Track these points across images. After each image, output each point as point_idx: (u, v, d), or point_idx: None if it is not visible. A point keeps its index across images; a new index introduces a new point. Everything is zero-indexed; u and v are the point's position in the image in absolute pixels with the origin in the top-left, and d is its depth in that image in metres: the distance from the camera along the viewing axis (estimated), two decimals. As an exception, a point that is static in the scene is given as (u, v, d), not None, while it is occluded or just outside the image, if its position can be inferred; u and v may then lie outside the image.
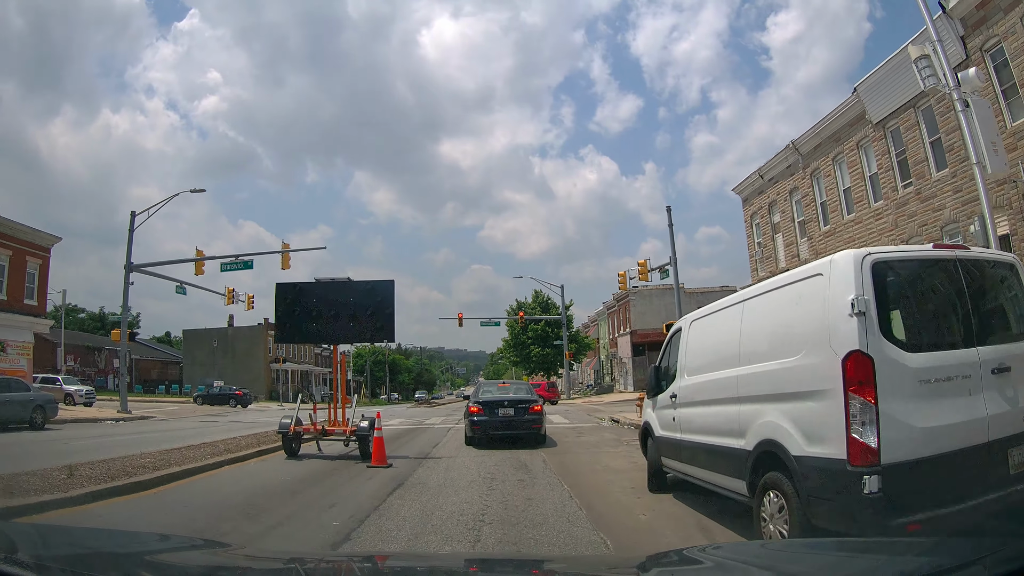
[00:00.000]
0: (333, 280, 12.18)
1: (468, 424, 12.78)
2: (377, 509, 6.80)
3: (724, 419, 5.45)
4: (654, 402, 7.62)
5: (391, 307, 11.78)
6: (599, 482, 8.51)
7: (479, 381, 17.47)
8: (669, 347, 7.48)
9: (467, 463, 10.34)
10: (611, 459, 10.72)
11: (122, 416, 26.55)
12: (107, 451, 11.25)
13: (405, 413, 32.57)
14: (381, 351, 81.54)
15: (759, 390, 4.90)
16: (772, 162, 23.91)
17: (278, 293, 12.43)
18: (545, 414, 13.13)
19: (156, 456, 10.52)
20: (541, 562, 3.75)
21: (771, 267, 24.20)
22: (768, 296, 5.14)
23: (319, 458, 11.60)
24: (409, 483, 8.43)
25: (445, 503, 7.11)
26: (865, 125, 19.47)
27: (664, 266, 27.73)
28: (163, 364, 70.17)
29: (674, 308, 44.93)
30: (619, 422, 18.93)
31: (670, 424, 6.91)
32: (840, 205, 20.52)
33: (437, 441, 14.21)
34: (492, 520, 6.18)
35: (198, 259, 27.84)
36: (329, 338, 12.11)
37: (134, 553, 2.22)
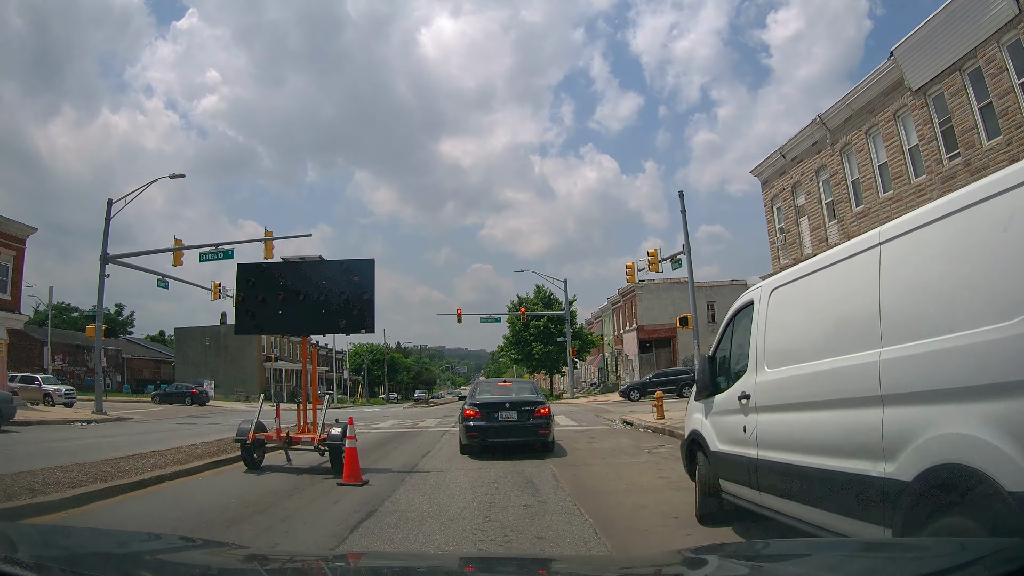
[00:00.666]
0: (303, 259, 10.25)
1: (463, 430, 10.87)
2: (332, 552, 4.92)
3: (849, 430, 3.54)
4: (707, 406, 5.71)
5: (370, 291, 9.86)
6: (628, 508, 6.60)
7: (477, 380, 15.87)
8: (731, 331, 5.58)
9: (460, 479, 8.43)
10: (636, 473, 8.81)
11: (96, 417, 24.92)
12: (42, 459, 9.79)
13: (400, 414, 30.66)
14: (379, 350, 79.68)
15: (929, 382, 2.99)
16: (795, 140, 21.99)
17: (239, 275, 10.54)
18: (553, 417, 11.18)
19: (86, 468, 8.85)
20: (548, 561, 3.61)
21: (795, 254, 22.28)
22: (937, 226, 3.14)
23: (284, 471, 9.74)
24: (383, 511, 6.53)
25: (427, 542, 5.22)
26: (903, 93, 17.57)
27: (676, 255, 25.83)
28: (155, 363, 68.60)
29: (683, 302, 43.32)
30: (632, 424, 17.01)
31: (737, 436, 4.99)
32: (875, 182, 18.60)
33: (428, 449, 12.28)
34: None
35: (176, 248, 26.02)
36: (295, 328, 10.17)
37: (134, 553, 2.22)
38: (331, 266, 10.18)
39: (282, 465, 10.25)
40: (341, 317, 9.82)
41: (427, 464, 10.05)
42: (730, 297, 45.42)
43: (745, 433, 4.85)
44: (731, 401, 5.16)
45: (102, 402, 27.32)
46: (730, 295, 44.42)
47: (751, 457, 4.73)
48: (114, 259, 27.22)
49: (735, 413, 5.07)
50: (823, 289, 4.14)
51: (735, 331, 5.52)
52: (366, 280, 9.92)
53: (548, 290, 52.46)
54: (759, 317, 4.90)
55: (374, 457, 11.33)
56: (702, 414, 5.84)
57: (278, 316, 10.19)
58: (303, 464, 10.20)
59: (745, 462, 4.83)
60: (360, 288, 9.86)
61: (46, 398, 31.63)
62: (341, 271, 10.04)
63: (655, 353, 44.09)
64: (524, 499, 6.98)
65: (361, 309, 9.78)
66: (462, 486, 7.89)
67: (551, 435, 10.91)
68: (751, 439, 4.75)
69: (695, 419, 6.04)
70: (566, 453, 10.97)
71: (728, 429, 5.24)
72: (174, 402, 38.93)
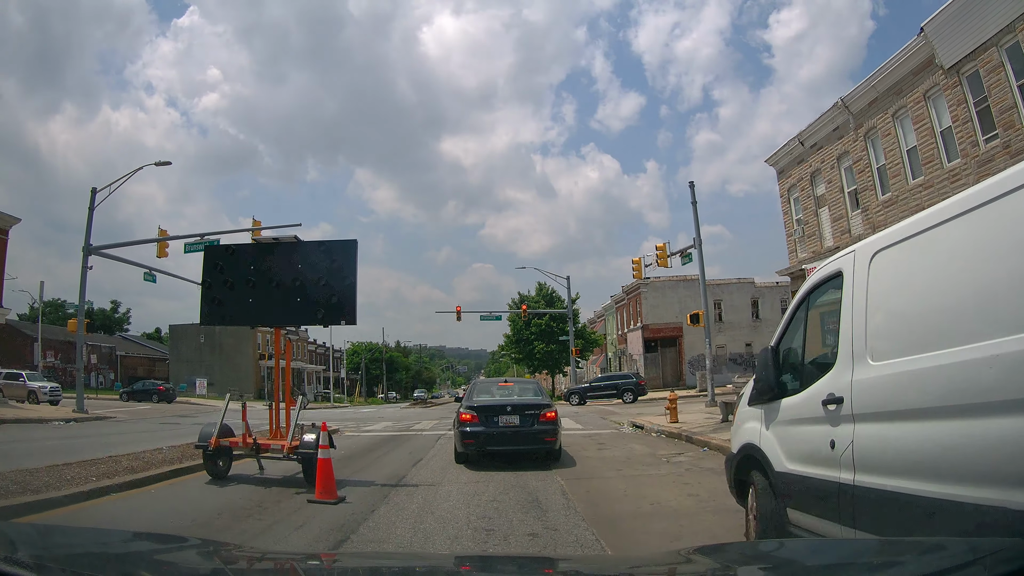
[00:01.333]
0: (276, 240, 8.98)
1: (458, 436, 9.57)
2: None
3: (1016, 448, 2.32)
4: (769, 412, 4.44)
5: (352, 277, 8.59)
6: (659, 538, 5.32)
7: (474, 381, 14.05)
8: (803, 315, 4.33)
9: (453, 497, 7.14)
10: (659, 488, 7.53)
11: (77, 416, 23.72)
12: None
13: (396, 415, 29.37)
14: (378, 348, 78.43)
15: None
16: (815, 125, 20.66)
17: (206, 259, 9.30)
18: (560, 422, 9.88)
19: (20, 476, 7.83)
20: (548, 561, 3.65)
21: (814, 246, 20.97)
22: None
23: (252, 482, 8.49)
24: (356, 540, 5.25)
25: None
26: (934, 72, 16.28)
27: (687, 249, 24.51)
28: (150, 361, 67.59)
29: (689, 300, 42.00)
30: (643, 428, 15.72)
31: (820, 453, 3.72)
32: (903, 168, 17.29)
33: (420, 456, 10.98)
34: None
35: (161, 239, 24.76)
36: (266, 318, 8.89)
37: (134, 553, 2.22)
38: (308, 248, 8.91)
39: (252, 475, 9.01)
40: (319, 306, 8.55)
41: (417, 476, 8.76)
42: (738, 295, 44.35)
43: (833, 450, 3.58)
44: (808, 406, 3.89)
45: (83, 400, 26.03)
46: (737, 293, 43.14)
47: (843, 483, 3.46)
48: (97, 250, 25.93)
49: (815, 422, 3.80)
50: (963, 243, 2.87)
51: (809, 315, 4.26)
52: (348, 264, 8.65)
53: (550, 288, 51.19)
54: (855, 291, 3.63)
55: (359, 465, 10.06)
56: (760, 423, 4.56)
57: (248, 305, 8.94)
58: (277, 473, 8.95)
59: (832, 489, 3.55)
60: (341, 273, 8.60)
61: (31, 395, 30.76)
62: (320, 253, 8.78)
63: (660, 352, 42.79)
64: (529, 525, 5.70)
65: (341, 297, 8.51)
66: (455, 506, 6.61)
67: (558, 442, 9.61)
68: (843, 458, 3.48)
69: (749, 429, 4.76)
70: (575, 463, 9.69)
71: (803, 443, 3.96)
72: (141, 399, 38.17)
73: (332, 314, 8.54)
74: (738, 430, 5.07)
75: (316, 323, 8.66)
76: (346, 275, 8.58)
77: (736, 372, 40.68)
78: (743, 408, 5.01)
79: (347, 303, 8.52)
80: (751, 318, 43.20)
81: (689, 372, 40.57)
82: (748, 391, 4.98)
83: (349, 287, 8.55)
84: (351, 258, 8.70)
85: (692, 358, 41.42)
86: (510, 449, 9.27)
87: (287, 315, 8.80)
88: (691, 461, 9.75)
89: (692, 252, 24.04)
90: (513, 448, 9.29)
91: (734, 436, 5.19)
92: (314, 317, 8.59)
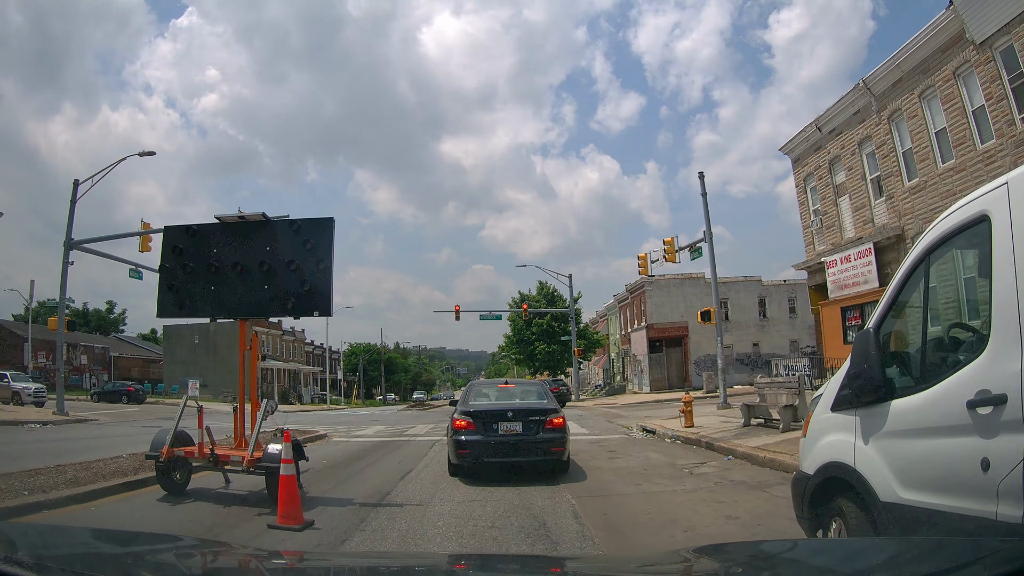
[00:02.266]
0: (242, 218, 7.77)
1: (452, 445, 8.34)
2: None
3: None
4: (867, 419, 3.25)
5: (327, 260, 7.40)
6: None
7: (471, 382, 12.04)
8: (921, 284, 3.12)
9: (444, 521, 5.93)
10: (689, 509, 6.32)
11: (56, 419, 22.63)
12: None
13: (391, 418, 28.14)
14: (376, 349, 77.16)
15: None
16: (833, 109, 19.48)
17: (165, 240, 8.15)
18: (568, 429, 8.67)
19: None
20: (548, 561, 3.65)
21: (833, 238, 19.78)
22: None
23: (211, 499, 7.34)
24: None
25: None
26: (964, 47, 15.12)
27: (696, 243, 23.29)
28: (144, 362, 66.45)
29: (695, 299, 40.74)
30: (655, 433, 14.51)
31: (963, 479, 2.54)
32: (932, 152, 16.10)
33: (411, 467, 9.76)
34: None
35: (144, 232, 23.62)
36: (228, 308, 7.68)
37: (134, 553, 2.19)
38: (279, 228, 7.71)
39: (216, 489, 7.86)
40: (288, 295, 7.35)
41: (404, 492, 7.54)
42: (744, 294, 43.00)
43: (987, 472, 2.41)
44: (940, 410, 2.71)
45: (64, 402, 24.91)
46: (744, 292, 41.87)
47: (1004, 521, 2.29)
48: (78, 245, 24.83)
49: (954, 433, 2.62)
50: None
51: (931, 279, 3.06)
52: (323, 245, 7.46)
53: (551, 287, 50.00)
54: (1017, 239, 2.44)
55: (340, 477, 8.86)
56: (852, 435, 3.36)
57: (209, 293, 7.76)
58: (244, 487, 7.77)
59: (986, 528, 2.38)
60: (315, 256, 7.40)
61: (15, 396, 29.93)
62: (291, 233, 7.58)
63: (665, 353, 41.53)
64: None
65: (315, 284, 7.31)
66: (445, 534, 5.39)
67: (566, 453, 8.35)
68: (1004, 485, 2.31)
69: (833, 444, 3.56)
70: (585, 476, 8.46)
71: (932, 464, 2.78)
72: (112, 400, 37.43)
73: (303, 304, 7.34)
74: (814, 444, 3.86)
75: (285, 314, 7.48)
76: (321, 258, 7.39)
77: (743, 372, 39.51)
78: (821, 415, 3.81)
79: (321, 291, 7.32)
80: (758, 317, 42.00)
81: (695, 373, 39.34)
82: (828, 391, 3.78)
83: (324, 272, 7.36)
84: (327, 239, 7.50)
85: (698, 358, 40.20)
86: (511, 461, 8.06)
87: (252, 305, 7.60)
88: (718, 473, 8.55)
89: (702, 246, 22.84)
90: (514, 460, 8.08)
91: (807, 451, 3.98)
92: (283, 307, 7.38)
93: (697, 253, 23.44)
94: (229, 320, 8.07)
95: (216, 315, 7.84)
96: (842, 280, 18.60)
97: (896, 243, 17.00)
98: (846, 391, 3.49)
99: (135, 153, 25.56)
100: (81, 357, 53.84)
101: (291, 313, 7.42)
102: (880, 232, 17.40)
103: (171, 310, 8.01)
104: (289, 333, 64.79)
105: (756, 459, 9.20)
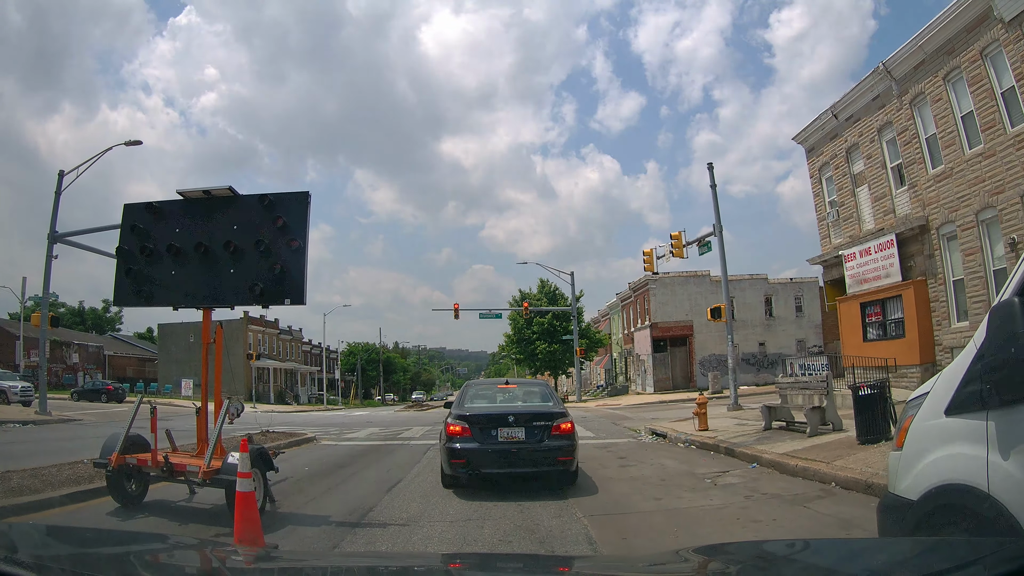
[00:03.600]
0: (207, 192, 6.80)
1: (445, 454, 7.30)
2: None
3: None
4: (1006, 426, 2.30)
5: (301, 240, 6.45)
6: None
7: (468, 383, 9.52)
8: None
9: (433, 547, 4.94)
10: (722, 531, 5.34)
11: (39, 418, 21.77)
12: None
13: (388, 419, 27.14)
14: (375, 349, 76.19)
15: None
16: (851, 95, 18.51)
17: (124, 219, 7.19)
18: (577, 436, 7.64)
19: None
20: (548, 560, 3.63)
21: (851, 230, 18.79)
22: None
23: (166, 515, 6.47)
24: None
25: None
26: (992, 26, 14.17)
27: (705, 237, 22.31)
28: (139, 361, 65.65)
29: (700, 297, 39.76)
30: (666, 437, 13.55)
31: None
32: (958, 137, 15.12)
33: (400, 476, 8.75)
34: None
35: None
36: (190, 295, 6.69)
37: (134, 553, 2.16)
38: (247, 203, 6.74)
39: (178, 501, 6.92)
40: (256, 280, 6.38)
41: (389, 507, 6.55)
42: (750, 292, 41.96)
43: None
44: None
45: (47, 401, 23.94)
46: (750, 290, 40.83)
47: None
48: (62, 238, 23.88)
49: None
50: None
51: None
52: (296, 223, 6.50)
53: (552, 285, 49.02)
54: None
55: (320, 489, 7.88)
56: (981, 446, 2.43)
57: (171, 278, 6.80)
58: (209, 500, 6.82)
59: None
60: (287, 235, 6.44)
61: (1, 395, 28.87)
62: (261, 210, 6.61)
63: (670, 352, 40.51)
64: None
65: (286, 267, 6.34)
66: (431, 566, 4.43)
67: (575, 462, 7.34)
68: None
69: (952, 459, 2.62)
70: (596, 487, 7.46)
71: None
72: (92, 399, 36.68)
73: (273, 290, 6.37)
74: (919, 460, 2.90)
75: (253, 301, 6.48)
76: (294, 237, 6.43)
77: (750, 372, 38.52)
78: (929, 421, 2.86)
79: (294, 275, 6.36)
80: (764, 316, 40.98)
81: (700, 373, 38.34)
82: (939, 389, 2.84)
83: (297, 253, 6.40)
84: (301, 215, 6.55)
85: (703, 358, 39.20)
86: (512, 472, 7.08)
87: (216, 292, 6.63)
88: (745, 484, 7.58)
89: (711, 240, 21.86)
90: (516, 471, 7.09)
91: (906, 469, 3.02)
92: (250, 294, 6.40)
93: (706, 248, 22.45)
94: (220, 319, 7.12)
95: (177, 303, 6.88)
96: (861, 274, 17.63)
97: (920, 234, 16.03)
98: (973, 387, 2.54)
99: (121, 143, 24.66)
100: (73, 356, 52.92)
101: (260, 300, 6.44)
102: (903, 223, 16.43)
103: (129, 297, 7.04)
104: (286, 332, 63.81)
105: (785, 467, 8.24)
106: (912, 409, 3.18)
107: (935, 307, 15.79)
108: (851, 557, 1.98)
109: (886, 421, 8.61)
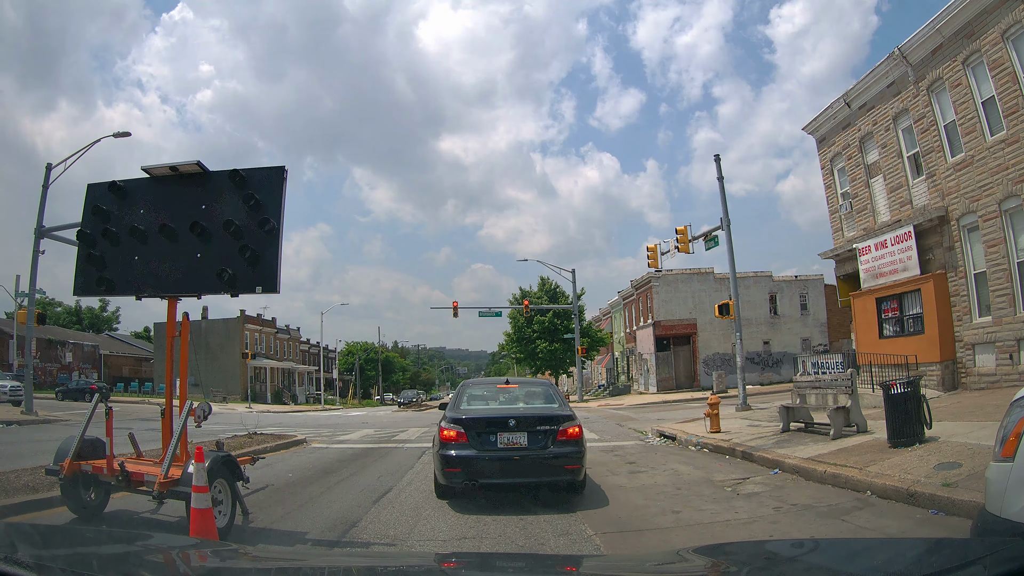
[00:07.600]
0: (174, 169, 6.09)
1: (439, 462, 6.56)
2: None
3: None
4: None
5: (275, 220, 5.73)
6: None
7: (464, 383, 8.57)
8: None
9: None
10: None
11: (23, 418, 21.09)
12: None
13: (384, 420, 26.42)
14: (373, 349, 75.46)
15: None
16: (865, 82, 17.80)
17: (87, 201, 6.47)
18: (585, 441, 6.88)
19: None
20: (548, 560, 3.58)
21: (865, 222, 18.08)
22: None
23: (126, 527, 5.70)
24: None
25: None
26: (1014, 6, 13.50)
27: (713, 231, 21.56)
28: (136, 360, 64.95)
29: (703, 295, 39.02)
30: (676, 439, 12.84)
31: None
32: (979, 123, 14.42)
33: (391, 484, 8.00)
34: None
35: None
36: (155, 282, 5.97)
37: (134, 553, 2.18)
38: (217, 180, 6.04)
39: (142, 513, 6.25)
40: (226, 265, 5.66)
41: (376, 522, 5.82)
42: (755, 290, 41.16)
43: None
44: None
45: (32, 401, 23.29)
46: (754, 288, 40.06)
47: None
48: (49, 232, 23.20)
49: None
50: None
51: None
52: (270, 203, 5.79)
53: (553, 283, 48.26)
54: None
55: (301, 499, 7.15)
56: None
57: (134, 265, 6.09)
58: (177, 512, 6.09)
59: None
60: (259, 213, 5.73)
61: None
62: (232, 188, 5.90)
63: (673, 351, 39.78)
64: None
65: (257, 251, 5.62)
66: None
67: (583, 471, 6.61)
68: None
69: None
70: (606, 499, 6.73)
71: None
72: (76, 399, 36.35)
73: (243, 277, 5.65)
74: (1001, 475, 2.20)
75: (221, 290, 5.77)
76: (268, 216, 5.72)
77: (754, 371, 37.75)
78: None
79: (266, 260, 5.64)
80: (769, 314, 40.25)
81: (704, 372, 37.60)
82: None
83: (270, 235, 5.68)
84: (275, 193, 5.84)
85: (707, 357, 38.48)
86: (514, 482, 6.35)
87: (180, 279, 5.92)
88: (769, 492, 6.86)
89: (718, 234, 21.12)
90: (518, 480, 6.37)
91: (1016, 486, 2.33)
92: (217, 281, 5.67)
93: (713, 242, 21.70)
94: (223, 317, 6.40)
95: (140, 292, 6.16)
96: (877, 268, 16.90)
97: (939, 225, 15.31)
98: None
99: (110, 135, 24.01)
100: (66, 355, 52.26)
101: (228, 288, 5.71)
102: (921, 214, 15.71)
103: (90, 286, 6.34)
104: (284, 331, 63.11)
105: (812, 474, 7.52)
106: (1020, 411, 2.49)
107: (955, 301, 15.08)
108: (852, 557, 1.97)
109: (920, 422, 7.90)
